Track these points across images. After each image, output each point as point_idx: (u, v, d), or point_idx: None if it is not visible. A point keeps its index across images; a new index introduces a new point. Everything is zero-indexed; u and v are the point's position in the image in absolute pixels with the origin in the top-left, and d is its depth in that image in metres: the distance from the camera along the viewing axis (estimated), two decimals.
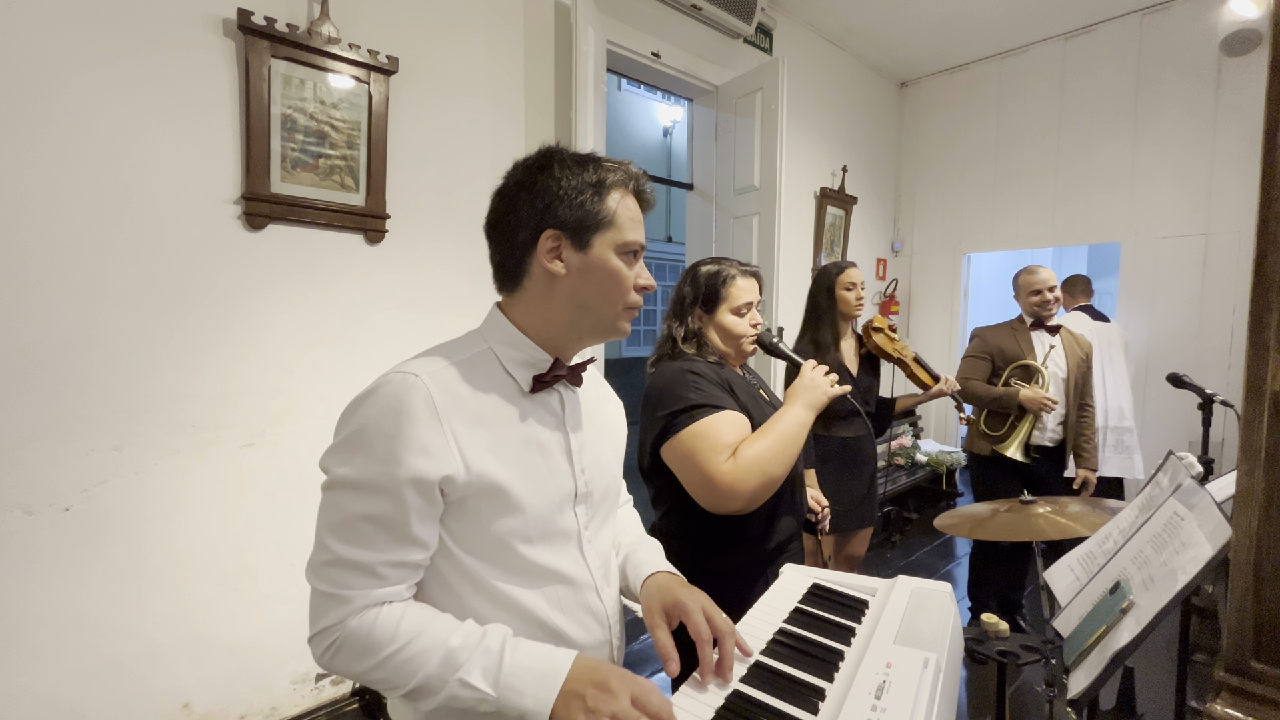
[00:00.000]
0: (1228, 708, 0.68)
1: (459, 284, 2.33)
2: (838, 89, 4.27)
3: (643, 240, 0.84)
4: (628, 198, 0.83)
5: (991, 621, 1.10)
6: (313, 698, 2.05)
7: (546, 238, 0.80)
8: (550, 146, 0.84)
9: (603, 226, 0.81)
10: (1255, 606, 0.68)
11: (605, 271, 0.81)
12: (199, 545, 1.82)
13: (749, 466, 1.14)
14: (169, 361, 1.75)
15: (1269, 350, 0.65)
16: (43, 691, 1.59)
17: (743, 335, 1.38)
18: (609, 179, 0.81)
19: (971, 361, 2.68)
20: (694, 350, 1.37)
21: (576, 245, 0.80)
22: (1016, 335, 2.65)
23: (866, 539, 2.38)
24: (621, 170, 0.84)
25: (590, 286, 0.81)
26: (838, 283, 2.30)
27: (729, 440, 1.18)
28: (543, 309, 0.83)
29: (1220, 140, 3.52)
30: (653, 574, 0.91)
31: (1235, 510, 0.70)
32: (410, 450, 0.71)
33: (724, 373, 1.33)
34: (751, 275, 1.43)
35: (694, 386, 1.23)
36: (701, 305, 1.39)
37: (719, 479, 1.14)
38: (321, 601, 0.72)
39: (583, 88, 2.45)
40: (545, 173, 0.81)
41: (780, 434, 1.20)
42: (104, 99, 1.62)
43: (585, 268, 0.81)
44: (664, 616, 0.83)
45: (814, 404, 1.28)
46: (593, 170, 0.81)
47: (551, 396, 0.86)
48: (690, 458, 1.18)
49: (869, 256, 4.74)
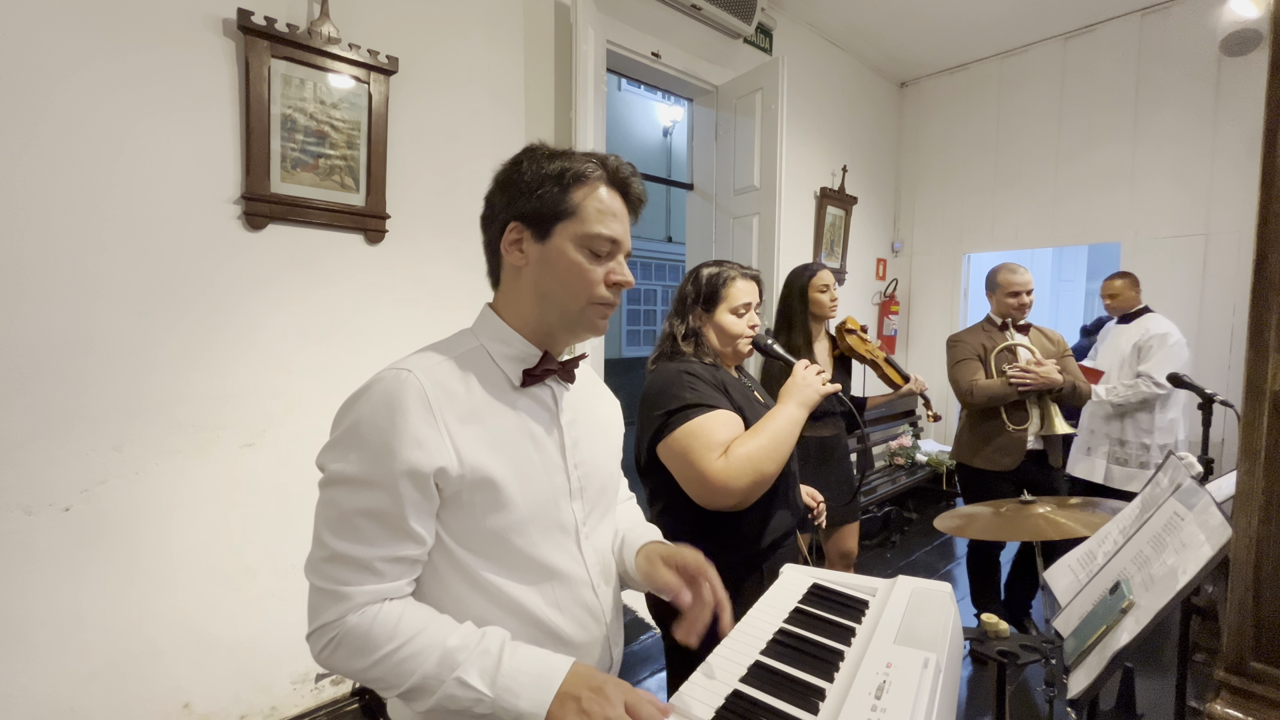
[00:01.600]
0: (1228, 708, 0.68)
1: (459, 284, 2.33)
2: (838, 89, 4.27)
3: (614, 234, 0.81)
4: (599, 189, 0.81)
5: (991, 621, 1.10)
6: (313, 698, 2.05)
7: (510, 229, 0.82)
8: (531, 144, 0.85)
9: (563, 217, 0.80)
10: (1255, 606, 0.68)
11: (564, 263, 0.80)
12: (199, 545, 1.82)
13: (741, 464, 1.17)
14: (169, 361, 1.75)
15: (1269, 350, 0.65)
16: (43, 691, 1.59)
17: (739, 335, 1.41)
18: (574, 169, 0.80)
19: (965, 365, 2.56)
20: (691, 349, 1.39)
21: (536, 236, 0.81)
22: (991, 335, 2.57)
23: (855, 533, 2.38)
24: (593, 162, 0.82)
25: (549, 278, 0.81)
26: (811, 285, 2.30)
27: (722, 438, 1.20)
28: (516, 301, 0.84)
29: (1220, 140, 3.52)
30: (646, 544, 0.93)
31: (1235, 510, 0.70)
32: (404, 443, 0.71)
33: (719, 374, 1.35)
34: (751, 278, 1.46)
35: (689, 386, 1.26)
36: (702, 304, 1.42)
37: (712, 476, 1.17)
38: (320, 598, 0.72)
39: (583, 88, 2.45)
40: (515, 165, 0.83)
41: (773, 432, 1.23)
42: (104, 99, 1.62)
43: (543, 258, 0.81)
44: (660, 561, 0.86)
45: (807, 402, 1.31)
46: (561, 161, 0.81)
47: (544, 392, 0.86)
48: (684, 455, 1.20)
49: (869, 256, 4.74)
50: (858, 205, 4.42)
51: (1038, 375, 2.34)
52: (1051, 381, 2.34)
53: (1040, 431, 2.43)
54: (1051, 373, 2.34)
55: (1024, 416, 2.44)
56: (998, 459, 2.48)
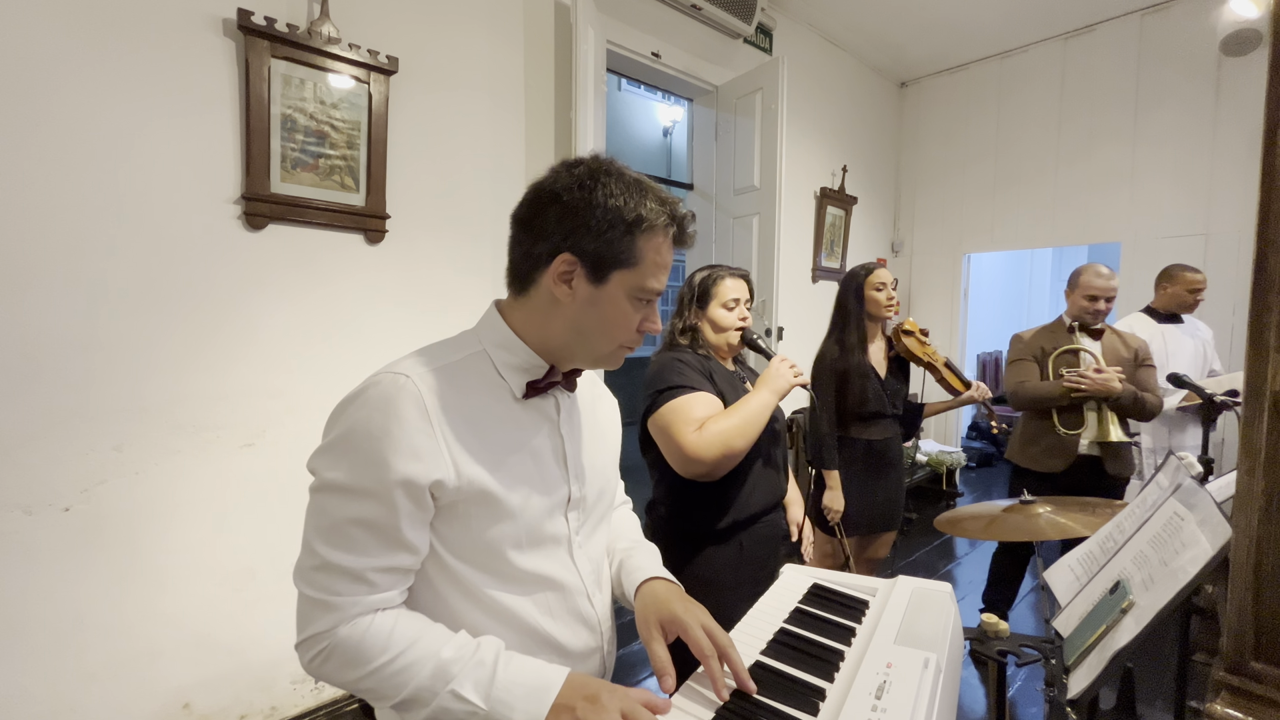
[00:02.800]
0: (1228, 708, 0.68)
1: (459, 284, 2.33)
2: (838, 89, 4.27)
3: (662, 287, 0.79)
4: (662, 240, 0.78)
5: (991, 621, 1.10)
6: (313, 698, 2.05)
7: (562, 260, 0.75)
8: (603, 160, 0.78)
9: (624, 265, 0.76)
10: (1255, 606, 0.67)
11: (614, 310, 0.78)
12: (199, 545, 1.82)
13: (712, 438, 1.34)
14: (169, 361, 1.75)
15: (1269, 350, 0.65)
16: (43, 691, 1.59)
17: (728, 327, 1.57)
18: (647, 218, 0.75)
19: (1018, 366, 2.50)
20: (688, 343, 1.58)
21: (592, 278, 0.76)
22: (1056, 337, 2.47)
23: (889, 542, 2.34)
24: (666, 212, 0.77)
25: (593, 320, 0.78)
26: (867, 283, 2.23)
27: (699, 415, 1.38)
28: (541, 324, 0.80)
29: (1220, 140, 3.52)
30: (647, 580, 0.89)
31: (1235, 510, 0.70)
32: (400, 453, 0.69)
33: (709, 365, 1.53)
34: (740, 277, 1.61)
35: (678, 371, 1.45)
36: (696, 303, 1.59)
37: (686, 447, 1.35)
38: (309, 608, 0.71)
39: (583, 88, 2.45)
40: (585, 191, 0.75)
41: (744, 414, 1.39)
42: (104, 99, 1.62)
43: (593, 301, 0.77)
44: (660, 630, 0.81)
45: (778, 390, 1.46)
46: (635, 203, 0.75)
47: (546, 401, 0.84)
48: (666, 430, 1.39)
49: (869, 256, 4.74)
50: (858, 205, 4.42)
51: (1093, 381, 2.26)
52: (1109, 390, 2.25)
53: (1095, 438, 2.34)
54: (1110, 380, 2.25)
55: (1078, 421, 2.36)
56: (1044, 460, 2.42)
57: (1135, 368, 2.40)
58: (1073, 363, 2.39)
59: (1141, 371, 2.41)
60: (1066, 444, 2.37)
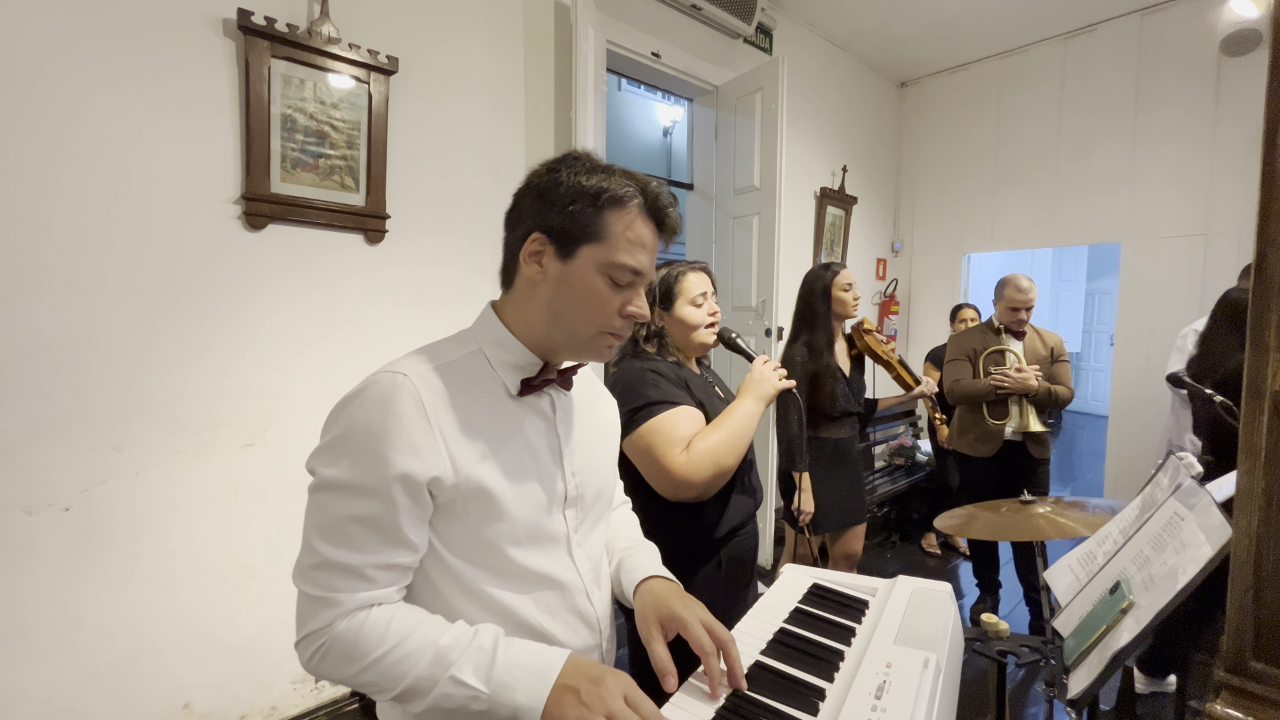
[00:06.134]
0: (1228, 708, 0.68)
1: (459, 284, 2.33)
2: (838, 89, 4.27)
3: (639, 266, 0.78)
4: (634, 217, 0.78)
5: (991, 621, 1.10)
6: (313, 698, 2.05)
7: (533, 239, 0.78)
8: (573, 150, 0.82)
9: (590, 240, 0.76)
10: (1255, 606, 0.67)
11: (582, 287, 0.77)
12: (199, 545, 1.82)
13: (701, 458, 1.23)
14: (169, 361, 1.75)
15: (1269, 350, 0.64)
16: (43, 691, 1.59)
17: (700, 324, 1.44)
18: (613, 191, 0.76)
19: (953, 365, 2.88)
20: (655, 349, 1.44)
21: (560, 253, 0.77)
22: (986, 338, 2.85)
23: (861, 535, 2.39)
24: (633, 186, 0.78)
25: (564, 299, 0.78)
26: (834, 284, 2.29)
27: (684, 434, 1.26)
28: (525, 312, 0.82)
29: (1220, 140, 3.52)
30: (646, 579, 0.89)
31: (1235, 510, 0.70)
32: (398, 450, 0.70)
33: (682, 372, 1.40)
34: (700, 270, 1.49)
35: (653, 384, 1.31)
36: (660, 303, 1.46)
37: (674, 471, 1.22)
38: (309, 605, 0.71)
39: (583, 88, 2.45)
40: (552, 173, 0.78)
41: (731, 427, 1.28)
42: (104, 99, 1.62)
43: (562, 278, 0.77)
44: (660, 628, 0.81)
45: (763, 396, 1.36)
46: (600, 180, 0.77)
47: (542, 399, 0.85)
48: (649, 451, 1.25)
49: (869, 256, 4.74)
50: (858, 205, 4.42)
51: (1015, 380, 2.66)
52: (1027, 387, 2.65)
53: (1017, 428, 2.74)
54: (1028, 379, 2.65)
55: (1004, 413, 2.77)
56: (977, 446, 2.84)
57: (1051, 363, 2.79)
58: (1000, 361, 2.78)
59: (1057, 366, 2.80)
60: (994, 432, 2.77)
